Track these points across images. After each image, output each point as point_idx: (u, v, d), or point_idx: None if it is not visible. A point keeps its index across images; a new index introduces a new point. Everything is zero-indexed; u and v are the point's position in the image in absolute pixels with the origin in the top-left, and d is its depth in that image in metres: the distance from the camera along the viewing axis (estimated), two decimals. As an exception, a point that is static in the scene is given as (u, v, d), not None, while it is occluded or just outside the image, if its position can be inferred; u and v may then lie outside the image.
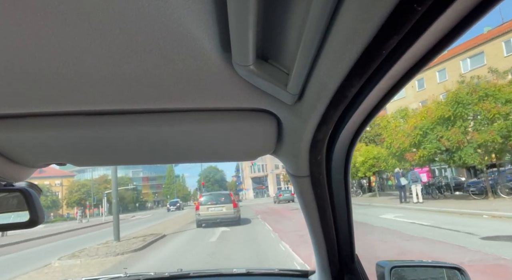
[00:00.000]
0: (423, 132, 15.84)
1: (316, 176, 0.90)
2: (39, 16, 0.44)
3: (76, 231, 20.71)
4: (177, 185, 79.96)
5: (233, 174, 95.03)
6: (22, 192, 0.89)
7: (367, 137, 33.24)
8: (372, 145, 28.39)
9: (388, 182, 32.71)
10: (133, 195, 71.91)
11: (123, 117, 0.74)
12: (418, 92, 32.99)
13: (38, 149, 0.84)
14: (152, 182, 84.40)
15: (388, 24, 0.37)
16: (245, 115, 0.76)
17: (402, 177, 16.56)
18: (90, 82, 0.59)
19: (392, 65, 0.45)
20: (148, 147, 0.88)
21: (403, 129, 17.61)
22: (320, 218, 1.02)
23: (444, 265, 1.20)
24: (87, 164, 1.00)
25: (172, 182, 78.57)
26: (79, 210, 33.85)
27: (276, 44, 0.52)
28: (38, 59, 0.52)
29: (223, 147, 0.94)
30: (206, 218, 14.02)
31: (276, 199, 32.05)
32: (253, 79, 0.57)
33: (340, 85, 0.52)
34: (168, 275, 1.66)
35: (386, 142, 19.16)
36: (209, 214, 14.00)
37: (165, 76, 0.59)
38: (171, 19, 0.45)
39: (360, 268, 1.13)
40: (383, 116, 33.27)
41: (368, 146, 28.16)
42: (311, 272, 1.54)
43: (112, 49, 0.51)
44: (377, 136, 32.58)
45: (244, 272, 1.63)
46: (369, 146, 26.98)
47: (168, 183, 79.19)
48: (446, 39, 0.40)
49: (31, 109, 0.68)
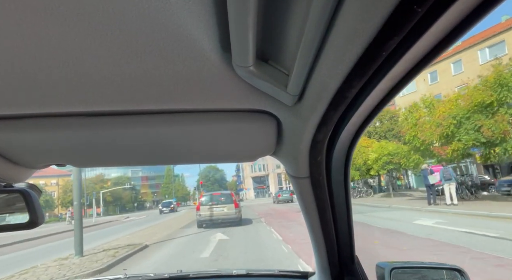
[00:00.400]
0: (457, 121, 13.45)
1: (316, 177, 0.89)
2: (40, 17, 0.44)
3: (54, 236, 17.92)
4: (176, 184, 78.35)
5: (233, 174, 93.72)
6: (21, 193, 0.90)
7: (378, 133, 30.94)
8: (385, 141, 25.95)
9: (398, 182, 30.33)
10: (131, 194, 70.71)
11: (122, 118, 0.74)
12: (431, 86, 30.57)
13: (37, 150, 0.84)
14: (151, 182, 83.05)
15: (388, 25, 0.37)
16: (245, 116, 0.75)
17: (431, 175, 14.14)
18: (90, 83, 0.59)
19: (392, 66, 0.45)
20: (148, 148, 0.88)
21: (429, 120, 15.20)
22: (320, 219, 1.01)
23: (444, 266, 1.20)
24: (87, 165, 1.00)
25: (170, 181, 76.55)
26: (68, 211, 31.41)
27: (276, 45, 0.52)
28: (38, 59, 0.52)
29: (223, 148, 0.93)
30: (207, 218, 13.67)
31: (276, 199, 32.63)
32: (253, 80, 0.57)
33: (340, 86, 0.51)
34: (168, 276, 1.66)
35: (407, 136, 16.76)
36: (210, 215, 13.63)
37: (165, 77, 0.59)
38: (171, 20, 0.45)
39: (360, 270, 1.13)
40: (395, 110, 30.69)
41: (381, 141, 25.73)
42: (311, 273, 1.53)
43: (112, 49, 0.51)
44: (389, 131, 30.18)
45: (243, 273, 1.62)
46: (383, 142, 24.70)
47: (167, 182, 77.26)
48: (446, 40, 0.40)
49: (30, 110, 0.68)
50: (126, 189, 66.61)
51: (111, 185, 64.04)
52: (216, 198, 14.13)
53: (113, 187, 60.74)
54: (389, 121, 31.27)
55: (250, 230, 12.01)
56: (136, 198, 73.91)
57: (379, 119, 31.29)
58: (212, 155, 1.00)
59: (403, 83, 0.52)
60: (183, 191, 79.91)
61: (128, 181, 72.90)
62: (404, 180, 31.65)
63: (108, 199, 61.97)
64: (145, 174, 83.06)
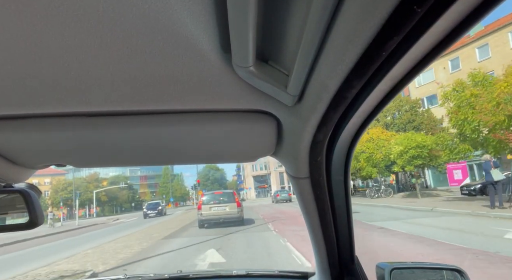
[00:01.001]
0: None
1: (316, 178, 0.89)
2: (40, 17, 0.44)
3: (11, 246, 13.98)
4: (174, 184, 74.42)
5: (234, 173, 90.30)
6: (21, 193, 0.90)
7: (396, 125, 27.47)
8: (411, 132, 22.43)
9: (412, 179, 26.70)
10: (128, 194, 68.16)
11: (123, 118, 0.74)
12: (452, 74, 27.07)
13: (37, 150, 0.84)
14: (150, 181, 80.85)
15: (388, 25, 0.37)
16: (245, 116, 0.75)
17: (495, 169, 10.70)
18: (90, 83, 0.59)
19: (392, 67, 0.45)
20: (148, 148, 0.88)
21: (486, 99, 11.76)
22: (320, 219, 1.01)
23: (444, 266, 1.20)
24: (87, 165, 1.00)
25: (168, 180, 72.37)
26: (50, 212, 28.20)
27: (276, 45, 0.52)
28: (38, 60, 0.52)
29: (223, 149, 0.93)
30: (208, 218, 13.38)
31: (274, 199, 33.40)
32: (253, 80, 0.57)
33: (340, 86, 0.52)
34: (168, 276, 1.68)
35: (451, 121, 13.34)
36: (211, 214, 13.36)
37: (165, 77, 0.59)
38: (171, 20, 0.45)
39: (360, 270, 1.13)
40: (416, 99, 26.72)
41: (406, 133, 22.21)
42: (311, 274, 1.53)
43: (112, 50, 0.51)
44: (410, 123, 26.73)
45: (243, 273, 1.63)
46: (409, 133, 21.15)
47: (164, 182, 73.15)
48: (446, 40, 0.40)
49: (30, 110, 0.68)
50: (122, 189, 64.34)
51: (107, 185, 62.05)
52: (218, 197, 13.80)
53: (110, 186, 58.60)
54: (408, 112, 27.86)
55: (256, 244, 8.39)
56: (134, 198, 71.40)
57: (398, 109, 28.02)
58: (212, 155, 0.99)
59: (403, 83, 0.52)
60: (181, 191, 76.90)
61: (125, 180, 70.81)
62: (421, 178, 28.14)
63: (103, 199, 59.84)
64: (144, 173, 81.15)
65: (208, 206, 13.41)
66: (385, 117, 28.48)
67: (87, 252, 9.93)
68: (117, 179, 69.11)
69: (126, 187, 67.26)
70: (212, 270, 1.64)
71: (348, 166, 0.93)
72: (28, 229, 0.92)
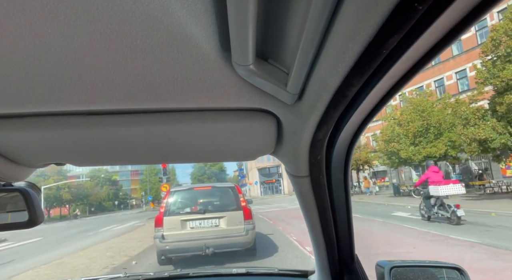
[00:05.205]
0: None
1: (316, 176, 0.89)
2: (39, 16, 0.44)
3: None
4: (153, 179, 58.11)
5: (235, 169, 70.40)
6: (21, 192, 0.91)
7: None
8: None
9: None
10: (108, 191, 57.44)
11: (122, 117, 0.74)
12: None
13: (37, 149, 0.84)
14: (141, 176, 67.56)
15: (389, 23, 0.37)
16: (245, 115, 0.75)
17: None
18: (90, 81, 0.59)
19: (393, 65, 0.45)
20: (148, 147, 0.88)
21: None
22: (320, 218, 1.02)
23: (443, 265, 1.20)
24: (87, 164, 1.00)
25: (151, 174, 56.57)
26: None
27: (276, 43, 0.52)
28: (38, 58, 0.52)
29: (222, 147, 0.93)
30: (178, 246, 6.13)
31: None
32: (253, 78, 0.57)
33: (340, 85, 0.52)
34: (168, 275, 1.69)
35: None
36: (186, 237, 6.13)
37: (164, 76, 0.59)
38: (171, 19, 0.46)
39: (360, 268, 1.13)
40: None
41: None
42: (311, 272, 1.54)
43: (111, 48, 0.51)
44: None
45: (243, 272, 1.65)
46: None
47: (148, 175, 56.76)
48: (447, 38, 0.40)
49: (30, 108, 0.68)
50: (100, 184, 53.48)
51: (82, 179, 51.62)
52: (202, 198, 6.68)
53: (71, 180, 47.76)
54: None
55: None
56: (117, 195, 61.13)
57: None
58: (211, 153, 0.99)
59: (404, 81, 0.52)
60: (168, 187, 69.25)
61: (110, 175, 61.76)
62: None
63: (65, 196, 47.91)
64: (135, 168, 69.87)
65: (178, 219, 6.26)
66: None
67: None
68: (98, 173, 58.42)
69: (107, 182, 58.34)
70: (212, 269, 1.61)
71: (348, 164, 0.93)
72: (28, 228, 0.93)
